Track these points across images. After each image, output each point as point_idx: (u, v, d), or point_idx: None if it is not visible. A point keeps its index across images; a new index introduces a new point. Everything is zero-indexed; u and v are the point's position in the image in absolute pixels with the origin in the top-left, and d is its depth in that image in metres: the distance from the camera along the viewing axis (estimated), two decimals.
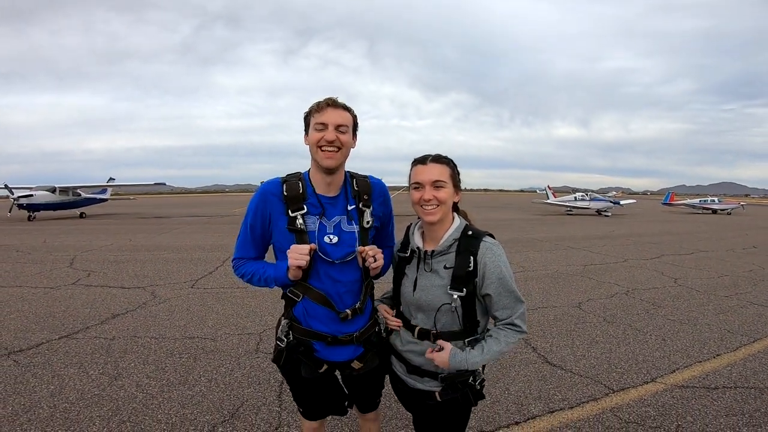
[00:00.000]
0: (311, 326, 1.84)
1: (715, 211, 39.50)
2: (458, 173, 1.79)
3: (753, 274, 9.14)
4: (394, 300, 1.93)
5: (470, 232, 1.73)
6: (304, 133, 1.82)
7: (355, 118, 1.82)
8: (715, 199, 42.43)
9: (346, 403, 2.14)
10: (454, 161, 1.80)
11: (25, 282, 7.65)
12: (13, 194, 24.42)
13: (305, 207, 1.78)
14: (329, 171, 1.77)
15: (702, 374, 4.03)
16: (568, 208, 33.36)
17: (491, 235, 1.76)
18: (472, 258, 1.68)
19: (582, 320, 5.63)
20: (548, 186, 38.38)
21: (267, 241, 1.89)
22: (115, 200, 35.92)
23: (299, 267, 1.71)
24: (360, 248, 1.79)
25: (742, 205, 41.53)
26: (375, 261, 1.79)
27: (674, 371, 4.10)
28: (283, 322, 1.91)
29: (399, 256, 1.90)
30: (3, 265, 9.46)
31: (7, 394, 3.47)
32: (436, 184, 1.70)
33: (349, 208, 1.84)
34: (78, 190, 28.13)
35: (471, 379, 1.78)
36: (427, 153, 1.76)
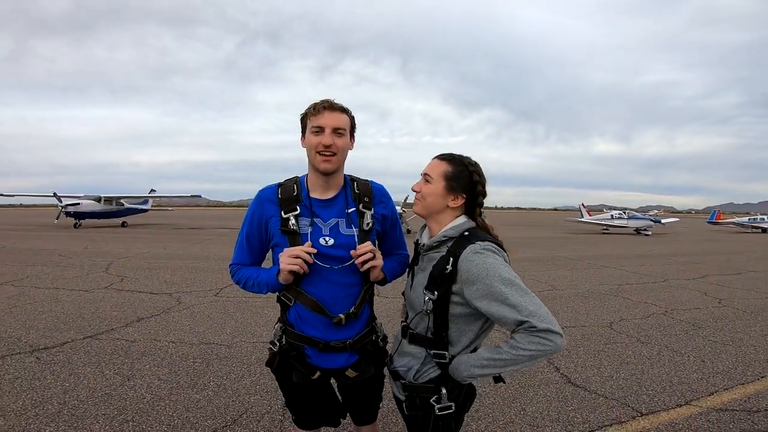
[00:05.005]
0: (303, 331, 1.78)
1: (765, 230, 37.04)
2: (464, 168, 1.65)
3: None
4: None
5: (467, 233, 1.54)
6: (300, 135, 1.78)
7: (352, 119, 1.77)
8: (765, 217, 39.79)
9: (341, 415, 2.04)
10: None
11: (62, 284, 8.00)
12: (61, 202, 26.13)
13: (298, 208, 1.74)
14: (326, 173, 1.74)
15: (744, 397, 3.72)
16: (605, 227, 31.89)
17: (492, 242, 1.51)
18: (452, 259, 1.48)
19: (612, 340, 5.28)
20: (582, 204, 36.68)
21: (264, 248, 1.87)
22: (155, 211, 37.61)
23: (290, 271, 1.65)
24: (353, 251, 1.71)
25: None
26: (373, 259, 1.71)
27: (712, 394, 3.79)
28: (277, 326, 1.87)
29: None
30: (44, 268, 9.98)
31: (21, 389, 3.56)
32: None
33: (349, 210, 1.79)
34: (122, 200, 29.71)
35: (434, 399, 1.55)
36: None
